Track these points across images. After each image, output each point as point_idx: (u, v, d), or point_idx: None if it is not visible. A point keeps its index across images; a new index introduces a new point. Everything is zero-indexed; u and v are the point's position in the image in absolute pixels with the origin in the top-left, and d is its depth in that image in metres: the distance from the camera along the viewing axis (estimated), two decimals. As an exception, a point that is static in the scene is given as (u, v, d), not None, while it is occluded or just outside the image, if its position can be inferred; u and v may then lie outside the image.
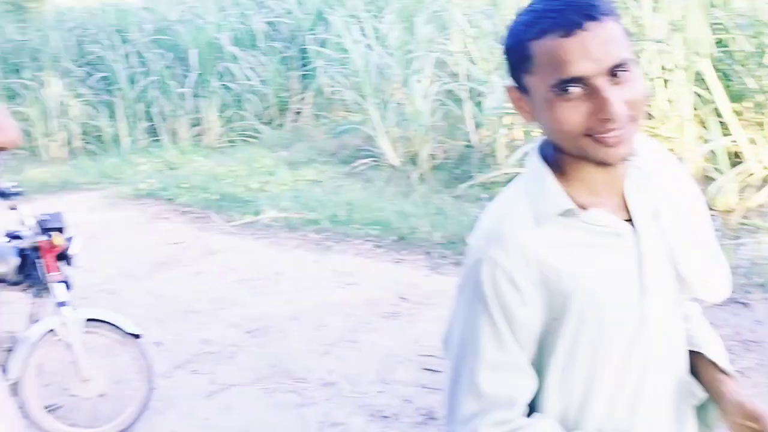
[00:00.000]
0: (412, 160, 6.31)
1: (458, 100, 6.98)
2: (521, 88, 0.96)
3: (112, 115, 8.65)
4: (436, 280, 4.01)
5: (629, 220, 0.99)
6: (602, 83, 0.87)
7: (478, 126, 6.39)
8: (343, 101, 7.73)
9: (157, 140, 8.41)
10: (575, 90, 0.88)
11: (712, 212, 4.55)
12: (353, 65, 7.39)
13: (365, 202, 5.25)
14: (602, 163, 0.94)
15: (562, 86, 0.88)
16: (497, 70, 6.70)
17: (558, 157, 0.99)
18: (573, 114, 0.89)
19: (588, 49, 0.86)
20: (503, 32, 0.97)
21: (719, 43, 5.74)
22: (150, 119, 8.75)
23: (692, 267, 1.02)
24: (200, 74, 8.63)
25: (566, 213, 0.96)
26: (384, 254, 4.48)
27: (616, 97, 0.87)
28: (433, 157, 6.29)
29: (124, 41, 9.50)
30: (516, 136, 6.26)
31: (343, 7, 8.82)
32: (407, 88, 6.73)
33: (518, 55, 0.92)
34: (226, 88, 8.47)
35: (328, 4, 9.15)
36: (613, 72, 0.87)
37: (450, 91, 7.33)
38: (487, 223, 1.00)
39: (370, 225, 4.84)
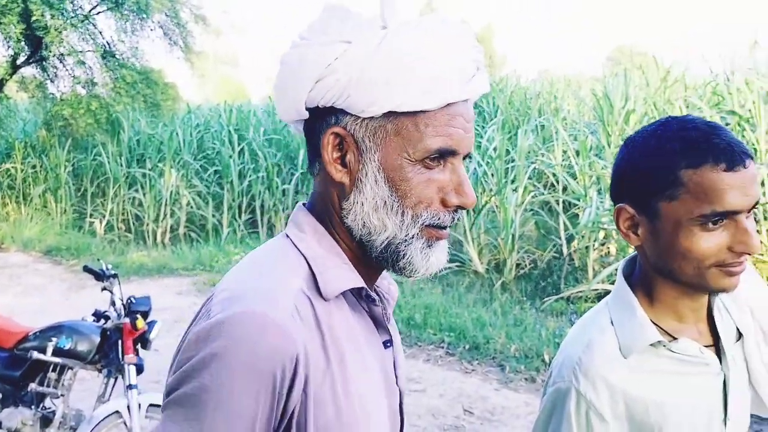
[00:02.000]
0: (498, 267, 6.15)
1: (553, 212, 6.84)
2: (644, 211, 0.96)
3: (218, 207, 9.20)
4: (505, 395, 3.75)
5: (713, 345, 1.00)
6: (744, 218, 0.91)
7: (570, 239, 6.18)
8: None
9: (255, 232, 8.79)
10: (720, 222, 0.90)
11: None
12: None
13: (443, 307, 5.11)
14: (707, 292, 0.96)
15: (713, 218, 0.90)
16: (596, 184, 6.56)
17: (648, 281, 0.99)
18: (712, 244, 0.90)
19: (745, 186, 0.90)
20: (612, 150, 0.95)
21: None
22: (253, 212, 9.22)
23: None
24: (305, 173, 9.06)
25: (655, 344, 0.96)
26: (455, 363, 4.28)
27: (753, 229, 0.91)
28: (519, 266, 6.11)
29: (241, 139, 10.24)
30: (609, 251, 5.99)
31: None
32: (501, 196, 6.69)
33: (661, 180, 0.93)
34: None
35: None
36: (751, 209, 0.92)
37: (545, 203, 7.23)
38: (573, 351, 0.99)
39: (444, 331, 4.68)
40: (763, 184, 5.47)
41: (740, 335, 1.02)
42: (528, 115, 9.83)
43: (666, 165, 0.92)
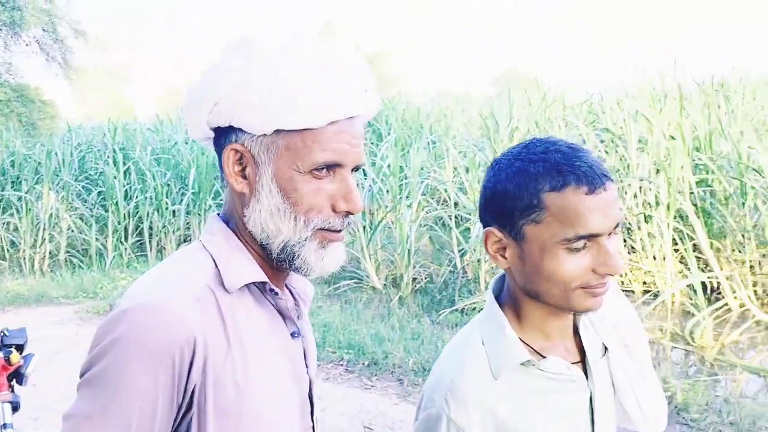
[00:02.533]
0: (395, 283, 6.24)
1: (446, 227, 7.04)
2: (511, 234, 0.96)
3: (102, 230, 8.72)
4: (404, 409, 3.79)
5: (580, 361, 1.02)
6: (606, 240, 0.91)
7: (462, 253, 6.38)
8: (332, 223, 7.78)
9: (144, 255, 8.40)
10: (584, 244, 0.91)
11: (690, 347, 4.41)
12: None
13: (342, 324, 5.11)
14: (573, 312, 0.97)
15: (576, 240, 0.90)
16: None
17: (516, 301, 1.00)
18: (576, 267, 0.91)
19: (606, 209, 0.90)
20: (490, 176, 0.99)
21: (702, 182, 5.85)
22: (140, 235, 8.81)
23: (635, 402, 1.05)
24: (196, 192, 8.79)
25: (525, 363, 0.97)
26: (355, 379, 4.28)
27: (615, 251, 0.92)
28: (415, 281, 6.23)
29: (127, 158, 9.79)
30: (500, 263, 6.24)
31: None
32: (396, 212, 6.81)
33: (524, 203, 0.93)
34: (221, 207, 8.57)
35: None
36: (612, 230, 0.93)
37: (439, 218, 7.43)
38: (445, 373, 0.98)
39: (343, 348, 4.67)
40: (635, 196, 5.92)
41: (605, 350, 1.04)
42: (420, 133, 10.10)
43: (529, 188, 0.92)
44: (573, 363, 1.00)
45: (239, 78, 0.89)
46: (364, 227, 6.80)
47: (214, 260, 0.91)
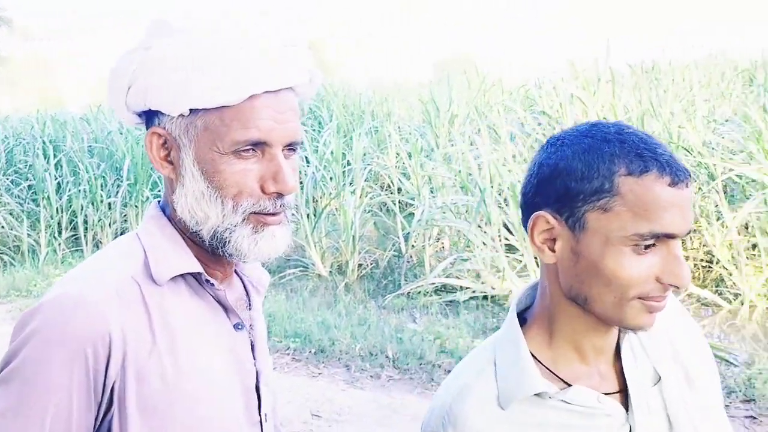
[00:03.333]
0: (341, 270, 6.24)
1: (390, 212, 7.07)
2: (568, 221, 0.80)
3: (34, 225, 8.36)
4: (351, 395, 3.80)
5: (621, 390, 0.85)
6: (677, 245, 0.79)
7: (407, 238, 6.43)
8: (276, 212, 7.71)
9: (79, 251, 8.12)
10: (653, 244, 0.77)
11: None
12: (288, 177, 7.45)
13: (288, 313, 5.08)
14: (621, 327, 0.82)
15: (649, 238, 0.77)
16: (428, 184, 6.90)
17: (551, 311, 0.85)
18: (642, 270, 0.77)
19: (685, 207, 0.77)
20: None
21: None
22: (75, 229, 8.49)
23: None
24: (132, 184, 8.52)
25: (542, 393, 0.82)
26: (302, 368, 4.26)
27: (684, 261, 0.79)
28: (361, 267, 6.24)
29: (58, 150, 9.40)
30: (443, 246, 6.31)
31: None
32: (340, 198, 6.79)
33: (593, 186, 0.78)
34: (158, 198, 8.35)
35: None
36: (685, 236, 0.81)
37: (383, 204, 7.46)
38: (445, 397, 0.87)
39: (290, 337, 4.64)
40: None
41: (659, 378, 0.87)
42: (362, 119, 10.08)
43: (602, 169, 0.78)
44: (610, 393, 0.85)
45: (147, 57, 0.86)
46: (308, 215, 6.75)
47: (145, 251, 0.87)
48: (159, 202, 0.96)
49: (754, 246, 4.71)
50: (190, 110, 0.84)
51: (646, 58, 9.60)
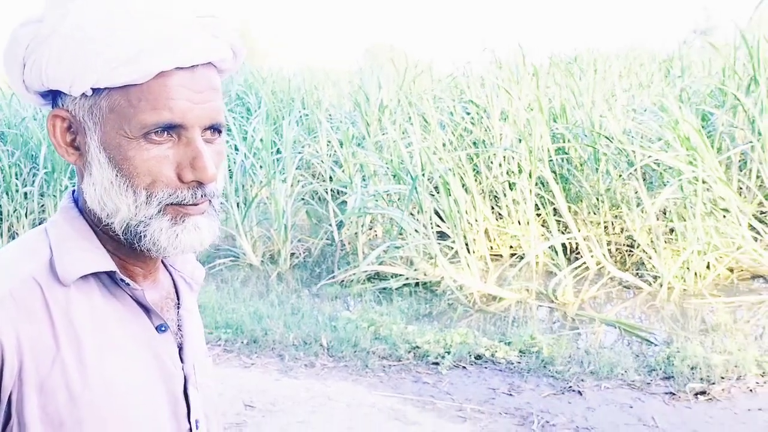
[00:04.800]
0: (273, 259, 6.15)
1: (322, 201, 7.02)
2: None
3: (-59, 216, 7.82)
4: (285, 384, 3.76)
5: None
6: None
7: (340, 226, 6.40)
8: (204, 201, 7.52)
9: (-7, 242, 7.66)
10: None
11: (553, 304, 4.74)
12: (216, 165, 7.27)
13: (219, 304, 4.96)
14: None
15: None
16: (360, 172, 6.88)
17: None
18: None
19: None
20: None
21: (560, 150, 6.24)
22: (-13, 220, 8.00)
23: None
24: (50, 172, 8.10)
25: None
26: (234, 359, 4.18)
27: None
28: (294, 256, 6.18)
29: (-35, 137, 8.82)
30: (376, 234, 6.33)
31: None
32: (271, 187, 6.68)
33: None
34: (79, 187, 7.99)
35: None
36: None
37: (315, 192, 7.39)
38: None
39: (221, 328, 4.54)
40: (500, 165, 6.20)
41: None
42: (291, 106, 9.94)
43: None
44: None
45: (39, 31, 0.76)
46: (238, 204, 6.61)
47: (51, 247, 0.78)
48: (73, 192, 0.86)
49: (672, 230, 4.97)
50: (93, 90, 0.75)
51: (569, 49, 9.91)
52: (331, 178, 7.46)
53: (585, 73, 8.54)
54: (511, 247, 5.83)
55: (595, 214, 5.54)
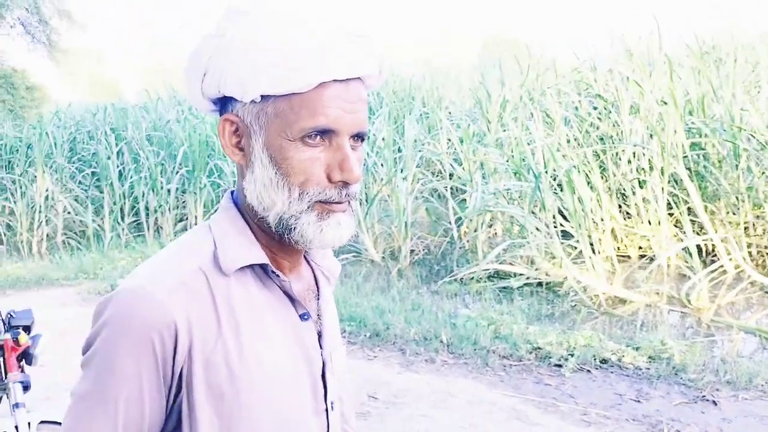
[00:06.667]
0: (394, 255, 6.29)
1: (442, 198, 7.07)
2: None
3: (98, 211, 8.70)
4: (408, 378, 3.86)
5: None
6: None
7: (459, 223, 6.42)
8: (328, 198, 7.81)
9: (141, 236, 8.41)
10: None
11: (686, 309, 4.48)
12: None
13: (342, 297, 5.16)
14: None
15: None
16: (480, 170, 6.86)
17: None
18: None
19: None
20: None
21: (695, 146, 5.88)
22: (137, 215, 8.80)
23: None
24: (190, 171, 8.76)
25: None
26: (357, 351, 4.34)
27: None
28: (413, 252, 6.28)
29: (119, 139, 9.73)
30: (496, 233, 6.28)
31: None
32: (392, 185, 6.83)
33: None
34: (215, 185, 8.59)
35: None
36: None
37: (435, 190, 7.46)
38: None
39: (345, 321, 4.73)
40: (629, 161, 5.94)
41: None
42: (412, 105, 10.07)
43: None
44: None
45: (221, 44, 0.87)
46: (360, 201, 6.81)
47: (215, 242, 0.90)
48: (232, 192, 0.97)
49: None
50: (262, 97, 0.85)
51: (707, 35, 9.25)
52: (451, 175, 7.49)
53: (724, 62, 7.96)
54: (640, 248, 5.58)
55: (734, 214, 5.17)
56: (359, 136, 0.88)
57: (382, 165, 7.73)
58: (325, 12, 0.89)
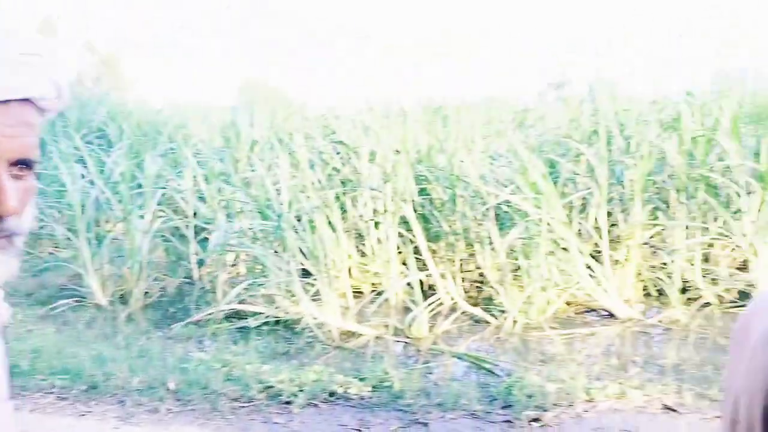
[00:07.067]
0: (123, 298, 5.82)
1: (184, 237, 6.77)
2: None
3: None
4: (125, 432, 3.53)
5: None
6: None
7: (201, 264, 6.19)
8: (52, 237, 7.01)
9: None
10: None
11: (409, 339, 4.84)
12: (69, 199, 6.82)
13: (56, 348, 4.59)
14: None
15: None
16: (225, 209, 6.73)
17: None
18: None
19: None
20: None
21: (422, 192, 6.47)
22: None
23: None
24: None
25: None
26: (68, 407, 3.86)
27: None
28: (147, 295, 5.87)
29: None
30: (239, 272, 6.18)
31: (68, 139, 8.30)
32: (127, 223, 6.35)
33: None
34: None
35: (52, 133, 8.56)
36: None
37: (176, 228, 7.11)
38: None
39: (56, 374, 4.19)
40: (365, 204, 6.31)
41: None
42: (157, 140, 9.60)
43: None
44: None
45: None
46: (90, 240, 6.22)
47: None
48: None
49: (518, 268, 5.26)
50: None
51: (438, 96, 10.39)
52: (195, 214, 7.23)
53: (448, 120, 8.98)
54: (372, 284, 5.90)
55: (452, 252, 5.76)
56: (24, 163, 0.79)
57: (119, 201, 7.17)
58: (7, 28, 0.81)
